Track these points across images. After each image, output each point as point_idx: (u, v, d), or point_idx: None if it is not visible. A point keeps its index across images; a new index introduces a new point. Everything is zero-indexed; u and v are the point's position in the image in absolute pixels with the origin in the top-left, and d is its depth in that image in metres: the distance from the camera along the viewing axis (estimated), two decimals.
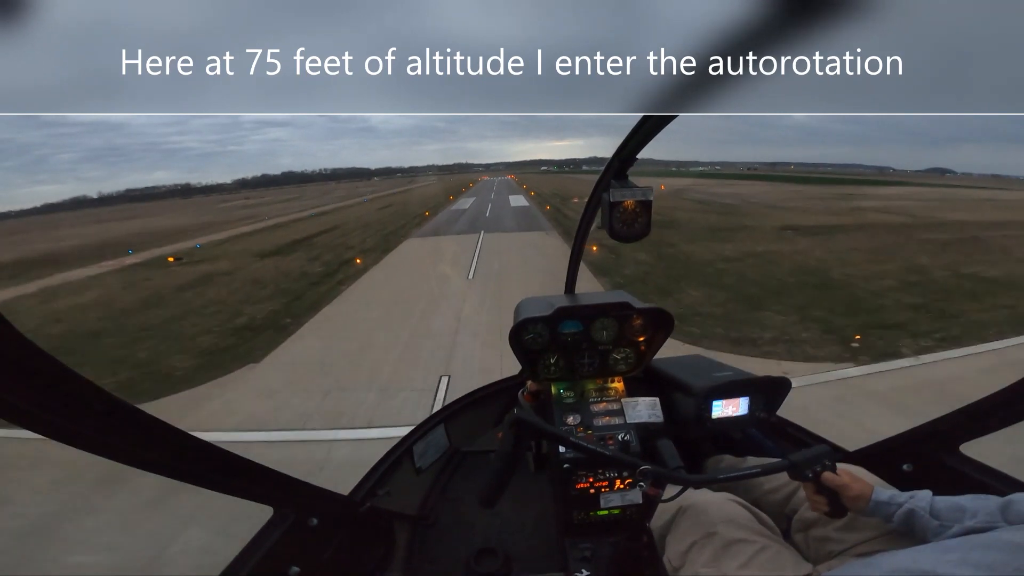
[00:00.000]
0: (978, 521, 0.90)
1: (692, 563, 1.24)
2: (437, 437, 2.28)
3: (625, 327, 2.03)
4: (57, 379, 0.64)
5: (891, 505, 1.04)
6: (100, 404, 0.70)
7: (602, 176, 1.58)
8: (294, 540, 1.23)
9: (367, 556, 1.71)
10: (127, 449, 0.78)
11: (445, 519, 2.17)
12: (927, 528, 0.97)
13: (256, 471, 1.06)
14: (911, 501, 1.01)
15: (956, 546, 0.84)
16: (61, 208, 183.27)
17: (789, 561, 1.19)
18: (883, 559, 0.89)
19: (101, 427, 0.72)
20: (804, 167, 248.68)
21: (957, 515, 0.94)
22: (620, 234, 1.48)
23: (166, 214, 59.40)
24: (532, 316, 1.97)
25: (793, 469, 1.09)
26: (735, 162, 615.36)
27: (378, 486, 1.83)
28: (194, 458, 0.92)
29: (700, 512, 1.30)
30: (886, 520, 1.06)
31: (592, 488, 1.74)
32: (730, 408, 1.82)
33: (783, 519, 1.44)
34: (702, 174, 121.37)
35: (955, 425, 1.34)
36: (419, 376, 7.05)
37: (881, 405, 5.54)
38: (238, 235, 28.32)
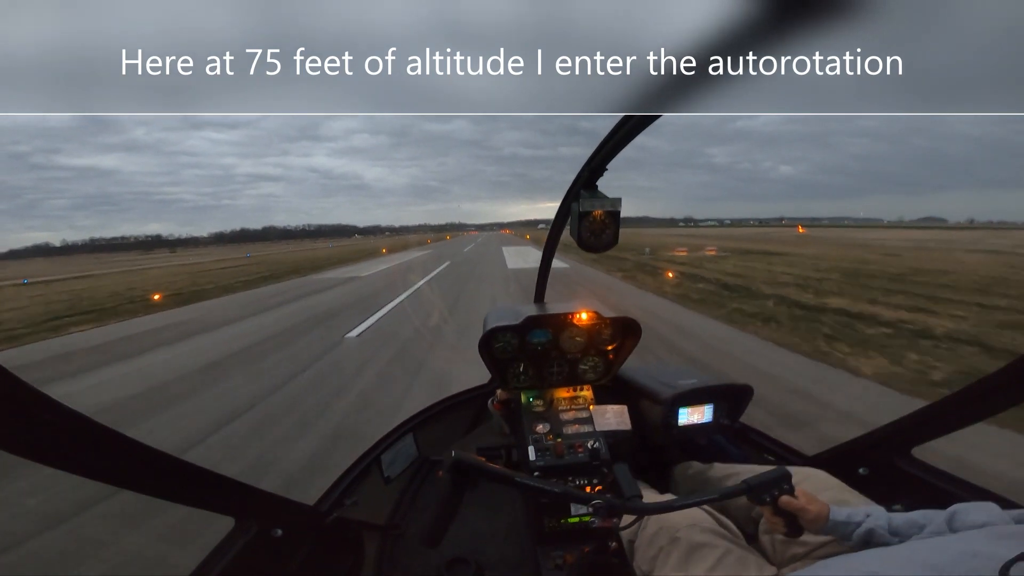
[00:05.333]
0: (927, 533, 0.94)
1: (661, 568, 1.25)
2: (406, 446, 2.26)
3: (594, 336, 2.06)
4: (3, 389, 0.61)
5: (849, 525, 1.06)
6: (44, 411, 0.66)
7: (572, 186, 1.61)
8: (258, 551, 1.18)
9: (335, 567, 1.66)
10: (77, 457, 0.74)
11: (415, 529, 2.13)
12: (887, 544, 1.01)
13: (215, 480, 1.02)
14: (868, 520, 1.04)
15: (906, 550, 0.89)
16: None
17: (753, 564, 1.21)
18: (840, 561, 0.92)
19: (43, 434, 0.68)
20: (794, 221, 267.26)
21: (914, 530, 0.98)
22: (588, 244, 1.50)
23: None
24: (501, 325, 1.98)
25: (751, 493, 1.09)
26: (723, 218, 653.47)
27: (345, 495, 1.78)
28: (151, 468, 0.87)
29: (664, 518, 1.31)
30: (844, 540, 1.09)
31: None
32: (695, 416, 1.88)
33: (751, 523, 1.46)
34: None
35: (907, 429, 1.40)
36: None
37: None
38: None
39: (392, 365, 6.04)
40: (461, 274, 18.26)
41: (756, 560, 1.24)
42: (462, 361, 5.74)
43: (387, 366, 6.02)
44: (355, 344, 7.38)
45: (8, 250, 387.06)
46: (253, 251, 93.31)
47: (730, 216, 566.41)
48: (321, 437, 4.01)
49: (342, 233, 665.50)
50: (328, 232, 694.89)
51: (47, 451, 0.70)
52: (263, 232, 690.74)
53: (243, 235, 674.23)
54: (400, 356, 6.46)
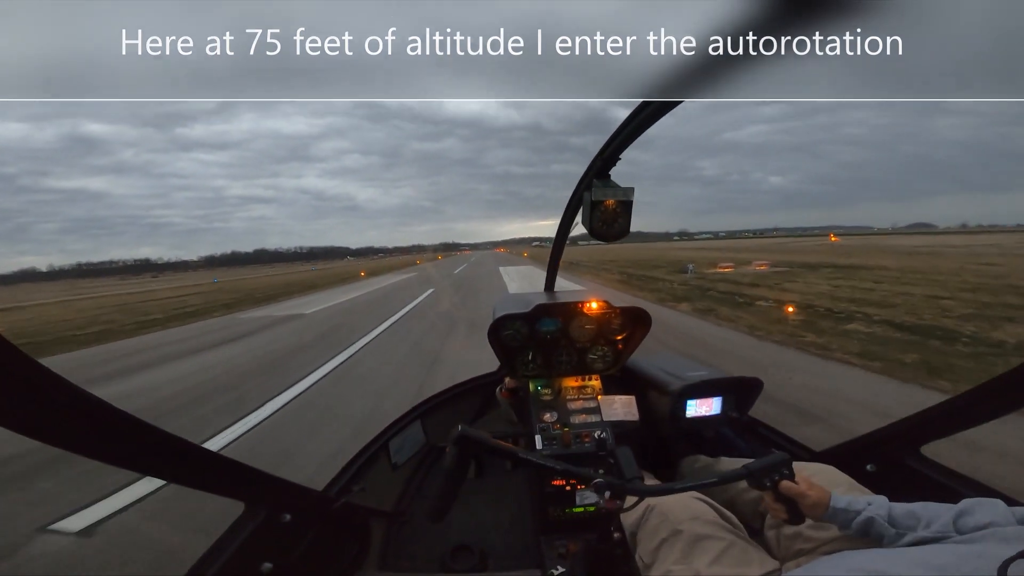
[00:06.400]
0: (931, 531, 0.92)
1: (663, 560, 1.24)
2: (414, 433, 2.25)
3: (603, 325, 2.05)
4: (17, 369, 0.61)
5: (849, 512, 1.06)
6: (62, 396, 0.66)
7: (584, 176, 1.59)
8: (267, 536, 1.20)
9: (342, 552, 1.65)
10: (90, 442, 0.74)
11: (421, 515, 2.13)
12: (884, 535, 0.99)
13: (227, 466, 1.04)
14: (869, 508, 1.03)
15: (910, 550, 0.89)
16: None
17: (756, 558, 1.19)
18: (843, 558, 0.90)
19: (63, 419, 0.68)
20: (785, 231, 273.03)
21: (913, 523, 0.96)
22: (600, 233, 1.48)
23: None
24: (510, 313, 1.97)
25: (751, 478, 1.08)
26: (718, 231, 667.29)
27: (353, 482, 1.80)
28: (161, 452, 0.87)
29: (667, 510, 1.31)
30: (843, 527, 1.08)
31: (568, 485, 1.75)
32: (703, 408, 1.85)
33: (757, 517, 1.44)
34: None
35: (917, 427, 1.37)
36: None
37: None
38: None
39: None
40: (440, 313, 12.75)
41: (759, 554, 1.21)
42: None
43: None
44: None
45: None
46: (236, 274, 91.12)
47: (724, 228, 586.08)
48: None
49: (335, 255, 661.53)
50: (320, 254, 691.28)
51: (65, 435, 0.70)
52: (254, 255, 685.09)
53: (234, 258, 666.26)
54: None
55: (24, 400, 0.62)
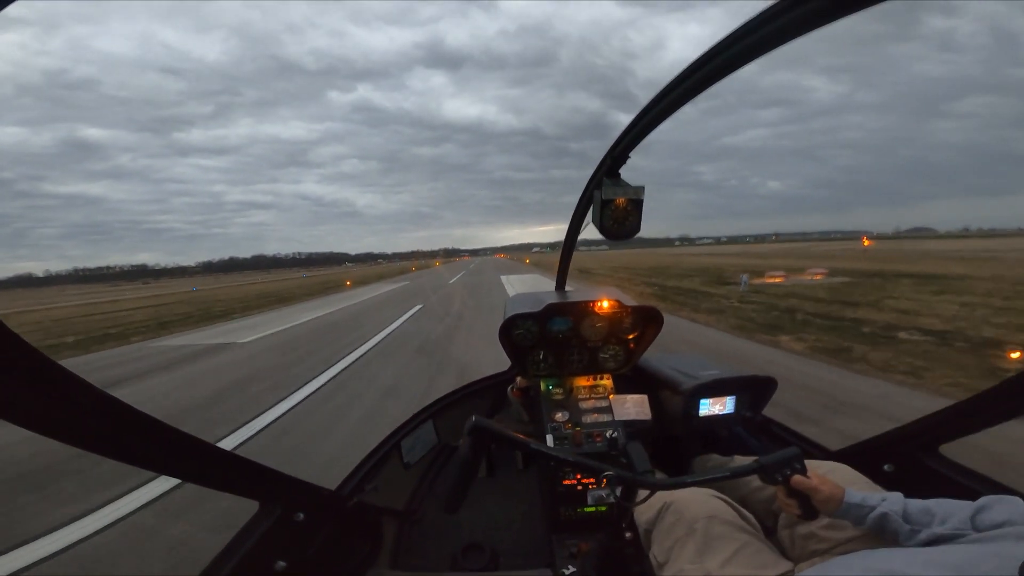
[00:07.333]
0: (947, 528, 0.90)
1: (676, 559, 1.22)
2: (425, 432, 2.25)
3: (615, 325, 2.04)
4: (38, 370, 0.61)
5: (863, 508, 1.03)
6: (82, 396, 0.67)
7: (595, 173, 1.58)
8: (280, 534, 1.21)
9: (354, 551, 1.66)
10: (110, 441, 0.74)
11: (432, 514, 2.15)
12: (898, 532, 0.97)
13: (242, 465, 1.04)
14: (883, 504, 1.00)
15: (927, 550, 0.86)
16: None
17: (770, 558, 1.17)
18: (857, 558, 0.88)
19: (82, 419, 0.69)
20: (785, 236, 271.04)
21: (928, 519, 0.94)
22: (610, 232, 1.47)
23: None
24: (522, 312, 1.97)
25: (762, 472, 1.07)
26: (719, 236, 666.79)
27: (365, 481, 1.79)
28: (179, 452, 0.88)
29: (683, 508, 1.29)
30: (857, 523, 1.05)
31: (579, 485, 1.75)
32: (717, 406, 1.84)
33: (771, 516, 1.42)
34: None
35: (935, 426, 1.34)
36: None
37: None
38: None
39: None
40: (430, 339, 9.22)
41: (773, 554, 1.19)
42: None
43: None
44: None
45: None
46: (223, 282, 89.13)
47: (725, 234, 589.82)
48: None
49: (334, 261, 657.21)
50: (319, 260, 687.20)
51: (84, 435, 0.70)
52: (253, 261, 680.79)
53: (232, 264, 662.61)
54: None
55: (47, 401, 0.62)
